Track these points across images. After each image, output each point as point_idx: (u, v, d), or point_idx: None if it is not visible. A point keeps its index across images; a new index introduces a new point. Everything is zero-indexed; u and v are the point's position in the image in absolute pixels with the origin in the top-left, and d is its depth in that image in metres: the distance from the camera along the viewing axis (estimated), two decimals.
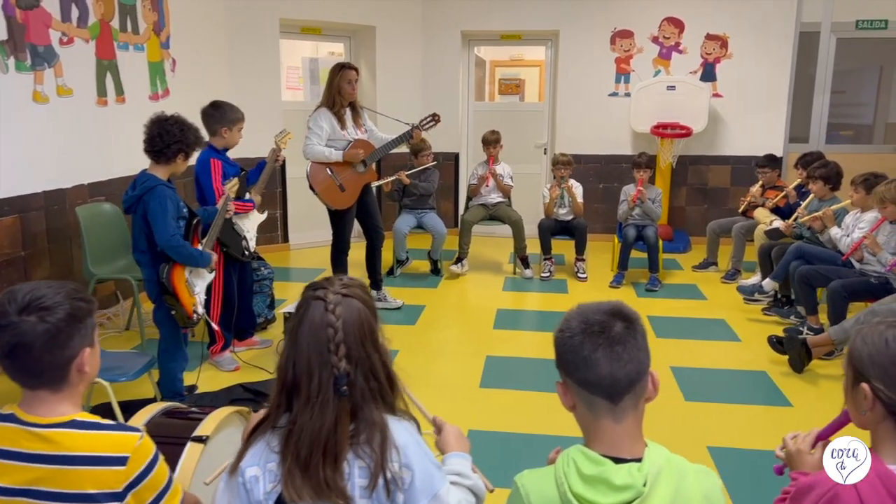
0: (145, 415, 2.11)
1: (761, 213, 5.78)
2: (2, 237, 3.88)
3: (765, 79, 7.14)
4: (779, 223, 5.39)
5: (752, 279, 5.49)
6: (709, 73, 7.21)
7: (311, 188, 4.76)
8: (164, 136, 3.11)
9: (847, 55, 7.47)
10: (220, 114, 3.85)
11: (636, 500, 1.21)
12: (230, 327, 4.11)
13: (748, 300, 5.25)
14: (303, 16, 6.83)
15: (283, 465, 1.38)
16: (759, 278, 5.35)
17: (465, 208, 6.44)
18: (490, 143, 6.20)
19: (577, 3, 7.24)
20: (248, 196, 4.04)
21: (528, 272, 6.06)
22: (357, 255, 5.20)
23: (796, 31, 7.09)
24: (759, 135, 7.13)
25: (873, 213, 4.39)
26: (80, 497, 1.42)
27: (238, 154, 5.58)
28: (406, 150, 6.00)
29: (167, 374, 3.39)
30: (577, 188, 6.05)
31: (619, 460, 1.25)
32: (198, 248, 3.33)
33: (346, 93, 4.71)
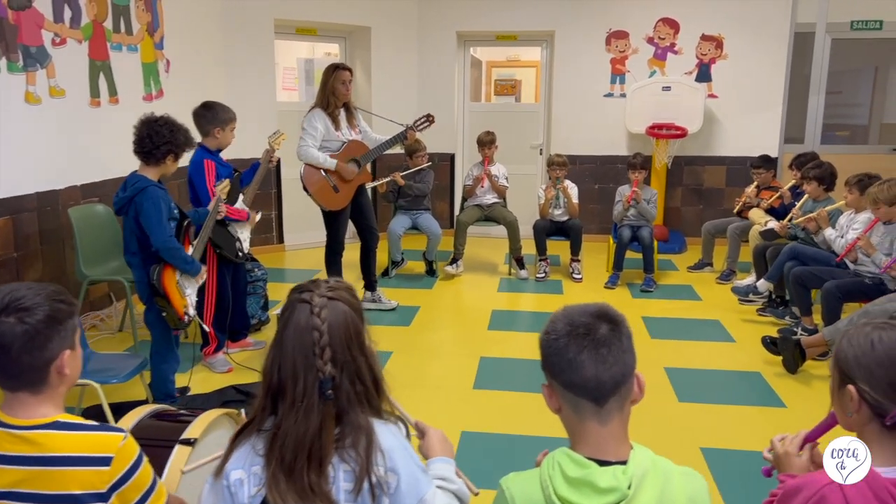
0: (134, 417, 2.11)
1: (756, 214, 5.79)
2: None
3: (760, 79, 7.14)
4: (773, 224, 5.39)
5: (747, 280, 5.49)
6: (704, 74, 7.22)
7: (305, 189, 4.76)
8: (153, 137, 3.10)
9: (842, 56, 7.47)
10: (212, 114, 3.84)
11: (621, 502, 1.20)
12: (224, 329, 4.10)
13: (743, 301, 5.25)
14: (298, 16, 6.82)
15: (267, 468, 1.37)
16: (753, 279, 5.35)
17: (461, 209, 6.44)
18: (485, 143, 6.20)
19: (572, 4, 7.24)
20: (240, 198, 4.03)
21: (524, 273, 6.06)
22: (351, 256, 5.20)
23: (791, 31, 7.09)
24: (755, 135, 7.14)
25: (867, 214, 4.40)
26: (65, 498, 1.42)
27: (233, 155, 5.57)
28: (401, 150, 5.99)
29: (159, 375, 3.38)
30: (572, 189, 6.05)
31: (604, 463, 1.25)
32: (189, 249, 3.32)
33: (341, 93, 4.71)
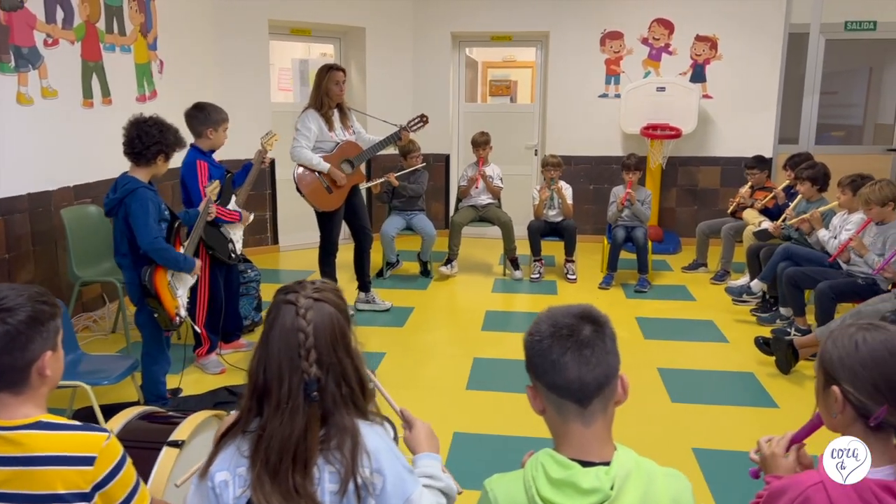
0: (122, 418, 2.10)
1: (750, 215, 5.79)
2: None
3: (754, 80, 7.15)
4: (767, 224, 5.40)
5: (741, 280, 5.50)
6: (698, 75, 7.23)
7: (299, 190, 4.75)
8: (143, 138, 3.10)
9: (837, 56, 7.49)
10: (204, 115, 3.83)
11: (603, 503, 1.20)
12: (217, 330, 4.10)
13: (736, 301, 5.26)
14: (292, 17, 6.81)
15: (252, 470, 1.37)
16: (747, 279, 5.35)
17: (455, 210, 6.44)
18: (480, 144, 6.20)
19: (567, 5, 7.25)
20: (233, 199, 4.03)
21: (518, 273, 6.06)
22: (345, 257, 5.19)
23: (785, 32, 7.10)
24: (749, 136, 7.15)
25: (860, 215, 4.40)
26: (49, 498, 1.42)
27: (227, 156, 5.56)
28: (395, 151, 5.99)
29: (150, 377, 3.37)
30: (566, 190, 6.05)
31: (588, 464, 1.25)
32: (180, 250, 3.32)
33: (334, 94, 4.70)
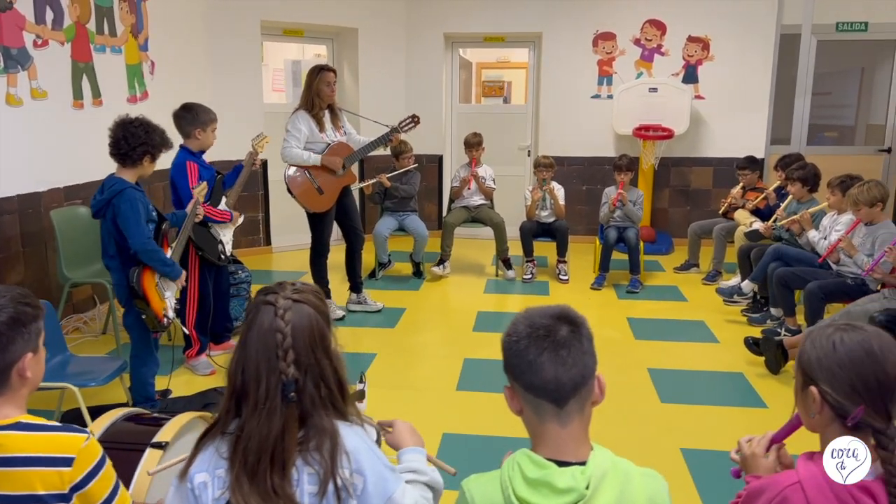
0: (106, 420, 2.10)
1: (741, 215, 5.81)
2: None
3: (746, 81, 7.17)
4: (758, 225, 5.41)
5: (733, 281, 5.51)
6: (691, 75, 7.24)
7: (290, 191, 4.75)
8: (129, 139, 3.09)
9: (829, 57, 7.51)
10: (193, 115, 3.82)
11: (579, 502, 1.21)
12: (206, 331, 4.09)
13: (727, 302, 5.27)
14: (284, 17, 6.81)
15: (231, 471, 1.37)
16: (739, 280, 5.36)
17: (448, 210, 6.44)
18: (472, 145, 6.21)
19: (559, 6, 7.26)
20: (224, 200, 4.02)
21: (511, 273, 6.06)
22: (337, 258, 5.19)
23: (777, 33, 7.13)
24: (741, 137, 7.16)
25: (850, 216, 4.41)
26: (29, 499, 1.42)
27: (220, 157, 5.56)
28: (387, 152, 5.99)
29: (138, 379, 3.36)
30: (558, 190, 6.06)
31: (564, 464, 1.25)
32: (167, 252, 3.31)
33: (325, 95, 4.70)
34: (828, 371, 1.37)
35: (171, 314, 3.28)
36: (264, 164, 6.45)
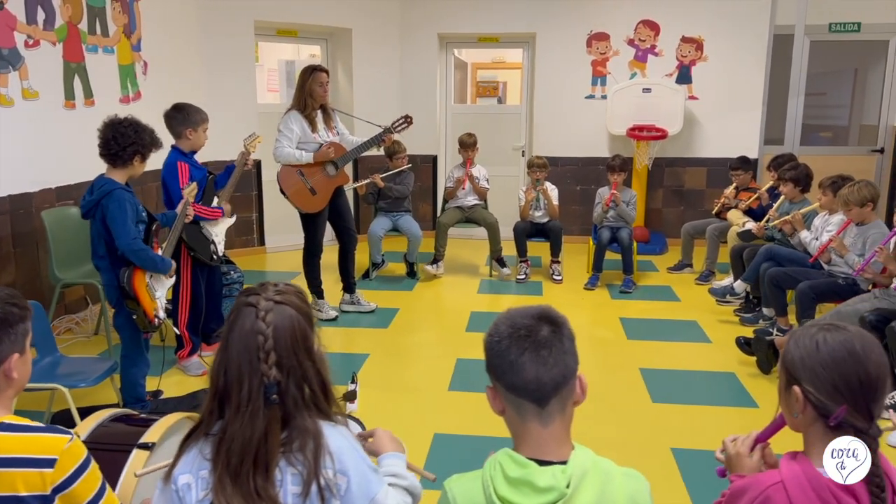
0: (93, 421, 2.09)
1: (734, 215, 5.82)
2: None
3: (740, 81, 7.19)
4: (751, 225, 5.42)
5: (726, 281, 5.52)
6: (684, 76, 7.25)
7: (282, 191, 4.74)
8: (118, 139, 3.08)
9: (823, 57, 7.53)
10: (184, 115, 3.81)
11: (559, 501, 1.21)
12: (198, 332, 4.09)
13: (720, 302, 5.28)
14: (278, 18, 6.80)
15: (214, 473, 1.37)
16: (732, 280, 5.37)
17: (442, 210, 6.44)
18: (467, 145, 6.21)
19: (553, 6, 7.26)
20: (216, 201, 4.02)
21: (506, 270, 6.06)
22: (331, 258, 5.19)
23: (770, 33, 7.14)
24: (735, 137, 7.17)
25: (841, 216, 4.42)
26: (11, 500, 1.42)
27: (213, 157, 5.55)
28: (381, 152, 5.98)
29: (128, 379, 3.35)
30: (552, 191, 6.06)
31: (545, 463, 1.26)
32: (158, 252, 3.30)
33: (318, 95, 4.69)
34: (811, 371, 1.38)
35: (161, 314, 3.27)
36: (258, 164, 6.45)
